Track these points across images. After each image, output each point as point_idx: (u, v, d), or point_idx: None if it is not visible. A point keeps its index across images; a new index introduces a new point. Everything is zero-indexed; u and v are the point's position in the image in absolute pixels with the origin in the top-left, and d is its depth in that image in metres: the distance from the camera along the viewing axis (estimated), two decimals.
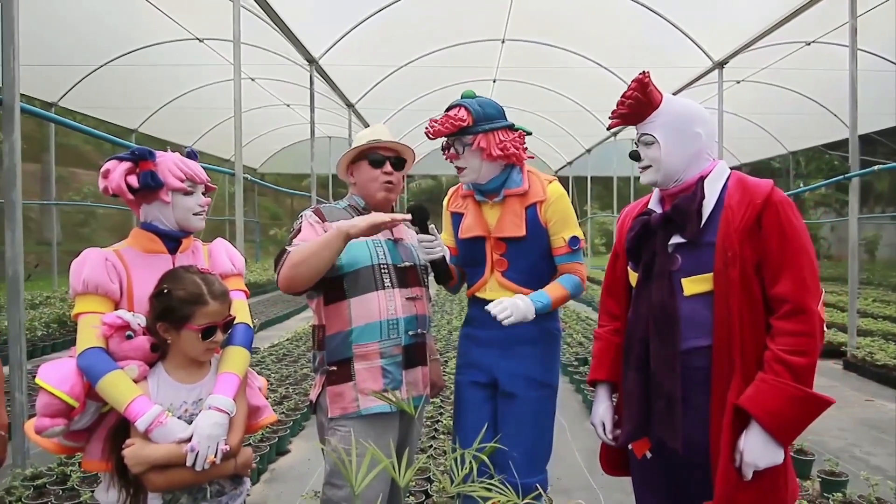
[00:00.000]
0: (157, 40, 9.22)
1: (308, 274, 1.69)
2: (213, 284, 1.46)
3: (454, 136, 1.91)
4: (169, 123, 12.93)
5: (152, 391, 1.43)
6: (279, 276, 1.73)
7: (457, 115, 1.88)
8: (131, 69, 9.90)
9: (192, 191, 1.57)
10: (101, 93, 10.52)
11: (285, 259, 1.72)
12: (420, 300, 1.91)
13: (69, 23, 8.36)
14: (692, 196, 1.52)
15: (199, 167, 1.59)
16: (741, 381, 1.42)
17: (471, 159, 1.92)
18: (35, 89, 10.04)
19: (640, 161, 1.60)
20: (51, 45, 8.50)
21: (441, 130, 1.90)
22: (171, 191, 1.53)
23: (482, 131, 1.90)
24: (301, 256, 1.69)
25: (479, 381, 1.99)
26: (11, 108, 2.90)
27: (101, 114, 12.23)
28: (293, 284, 1.71)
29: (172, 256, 1.58)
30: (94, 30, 8.77)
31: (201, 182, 1.59)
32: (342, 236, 1.67)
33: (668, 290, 1.51)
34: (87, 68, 9.78)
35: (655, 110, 1.55)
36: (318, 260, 1.68)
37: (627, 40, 9.11)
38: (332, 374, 1.81)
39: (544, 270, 1.98)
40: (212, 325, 1.44)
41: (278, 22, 6.64)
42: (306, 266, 1.68)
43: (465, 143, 1.91)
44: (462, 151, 1.92)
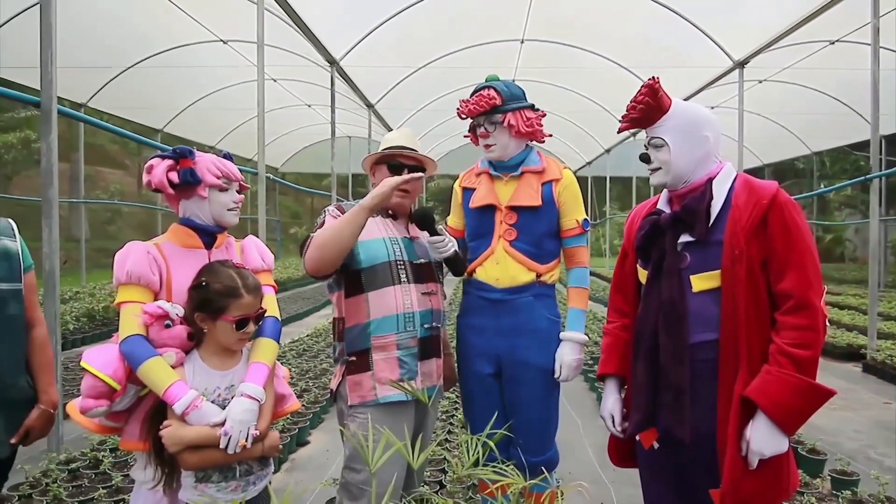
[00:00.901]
0: (183, 42, 9.43)
1: (333, 252, 1.77)
2: (247, 279, 1.56)
3: (484, 115, 2.03)
4: (193, 123, 13.21)
5: (188, 377, 1.53)
6: (306, 259, 1.82)
7: (488, 95, 2.01)
8: (157, 71, 10.14)
9: (228, 188, 1.67)
10: (128, 94, 10.79)
11: (310, 242, 1.82)
12: (435, 295, 1.99)
13: (97, 26, 8.59)
14: (701, 196, 1.58)
15: (234, 166, 1.70)
16: (747, 373, 1.48)
17: (500, 136, 2.05)
18: (65, 91, 10.32)
19: (650, 163, 1.66)
20: (80, 48, 8.73)
21: (474, 109, 2.02)
22: (208, 187, 1.63)
23: (510, 110, 2.04)
24: (325, 236, 1.78)
25: (483, 371, 2.08)
26: (49, 110, 3.04)
27: (128, 114, 12.54)
28: (320, 265, 1.79)
29: (208, 251, 1.68)
30: (122, 33, 9.00)
31: (236, 180, 1.69)
32: (362, 211, 1.75)
33: (678, 287, 1.57)
34: (114, 70, 10.04)
35: (665, 114, 1.61)
36: (341, 236, 1.76)
37: (647, 40, 9.09)
38: (351, 363, 1.90)
39: (548, 247, 2.09)
40: (245, 317, 1.53)
41: (300, 24, 6.77)
42: (331, 245, 1.76)
43: (496, 121, 2.04)
44: (493, 130, 2.04)
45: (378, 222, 1.97)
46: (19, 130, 17.72)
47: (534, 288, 2.05)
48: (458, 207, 2.24)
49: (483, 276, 2.08)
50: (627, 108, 1.66)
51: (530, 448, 2.02)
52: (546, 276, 2.08)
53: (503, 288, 2.04)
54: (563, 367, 2.02)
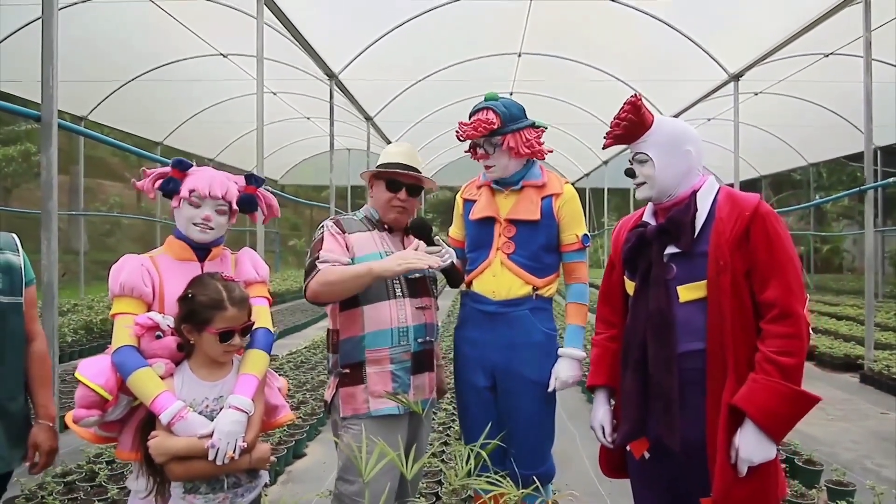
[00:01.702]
0: (183, 56, 9.51)
1: (335, 295, 1.84)
2: (233, 291, 1.57)
3: (483, 137, 2.04)
4: (193, 136, 13.29)
5: (177, 387, 1.55)
6: (308, 288, 1.85)
7: (486, 119, 2.02)
8: (158, 84, 10.21)
9: (199, 203, 1.67)
10: (128, 107, 10.87)
11: (316, 274, 1.84)
12: (429, 309, 2.01)
13: (98, 41, 8.66)
14: (686, 209, 1.61)
15: (215, 185, 1.67)
16: (734, 381, 1.50)
17: (500, 158, 2.06)
18: (66, 104, 10.40)
19: (635, 178, 1.70)
20: (81, 61, 8.80)
21: (473, 134, 2.03)
22: (181, 199, 1.67)
23: (510, 131, 2.04)
24: (332, 278, 1.81)
25: (479, 384, 2.09)
26: (49, 124, 3.07)
27: (128, 127, 12.62)
28: (319, 299, 1.85)
29: (201, 264, 1.71)
30: (123, 47, 9.08)
31: (205, 196, 1.66)
32: (370, 276, 1.79)
33: (665, 298, 1.59)
34: (115, 83, 10.12)
35: (648, 130, 1.65)
36: (345, 288, 1.82)
37: (643, 53, 9.18)
38: (344, 376, 1.92)
39: (546, 260, 2.10)
40: (229, 330, 1.55)
41: (299, 38, 6.84)
42: (336, 288, 1.82)
43: (495, 143, 2.05)
44: (493, 151, 2.06)
45: (374, 236, 1.99)
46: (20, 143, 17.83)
47: (530, 301, 2.06)
48: (459, 218, 2.26)
49: (480, 288, 2.10)
50: (611, 125, 1.70)
51: (526, 461, 2.03)
52: (543, 290, 2.09)
53: (499, 300, 2.05)
54: (558, 381, 2.02)
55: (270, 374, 1.77)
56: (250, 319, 1.62)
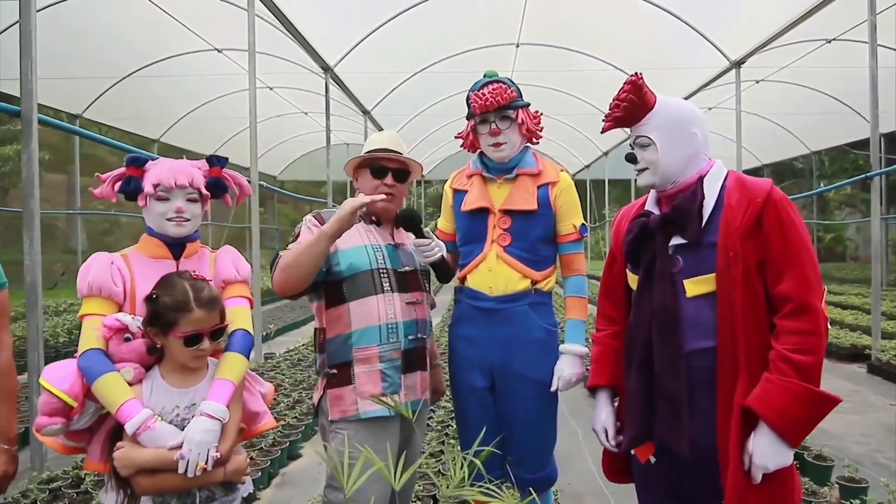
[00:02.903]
0: (178, 52, 9.38)
1: (298, 275, 1.71)
2: (201, 291, 1.46)
3: (495, 111, 1.94)
4: (190, 133, 13.15)
5: (146, 394, 1.45)
6: (273, 280, 1.76)
7: (505, 88, 1.92)
8: (153, 81, 10.10)
9: (167, 196, 1.57)
10: (123, 104, 10.75)
11: (277, 262, 1.75)
12: (420, 305, 1.91)
13: (91, 37, 8.56)
14: (692, 196, 1.50)
15: (179, 173, 1.57)
16: (747, 381, 1.39)
17: (511, 134, 1.96)
18: (60, 102, 10.31)
19: (637, 163, 1.58)
20: (74, 58, 8.71)
21: (493, 102, 1.93)
22: (147, 196, 1.57)
23: (521, 106, 1.96)
24: (290, 259, 1.71)
25: (476, 384, 1.99)
26: (30, 119, 2.98)
27: (124, 125, 12.51)
28: (286, 287, 1.74)
29: (177, 262, 1.60)
30: (116, 43, 8.96)
31: (170, 187, 1.56)
32: (323, 238, 1.68)
33: (671, 292, 1.48)
34: (109, 80, 10.00)
35: (650, 112, 1.54)
36: (301, 262, 1.69)
37: (642, 42, 9.04)
38: (332, 377, 1.82)
39: (544, 252, 2.00)
40: (196, 333, 1.44)
41: (292, 31, 6.72)
42: (296, 268, 1.70)
43: (509, 117, 1.95)
44: (505, 126, 1.95)
45: (360, 229, 1.89)
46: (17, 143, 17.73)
47: (529, 296, 1.96)
48: (449, 210, 2.14)
49: (475, 283, 1.99)
50: (611, 107, 1.59)
51: (527, 465, 1.94)
52: (542, 284, 1.99)
53: (497, 296, 1.95)
54: (561, 380, 1.93)
55: (253, 378, 1.68)
56: (223, 321, 1.51)
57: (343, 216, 1.67)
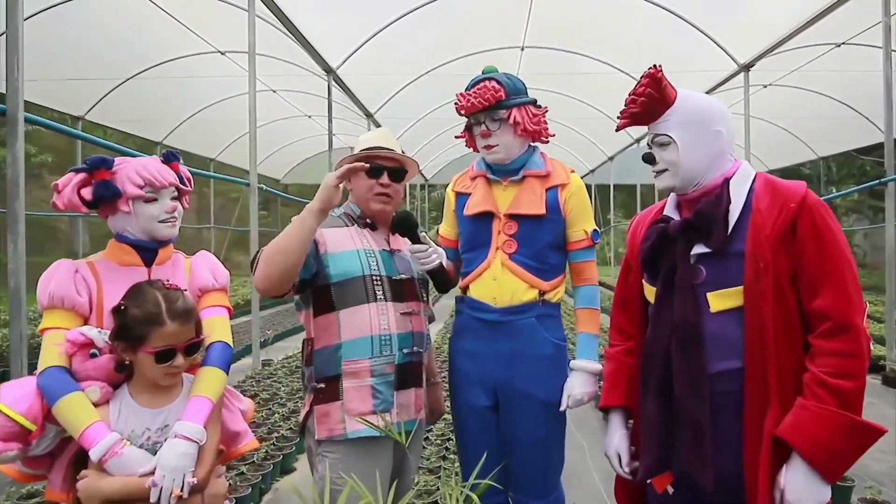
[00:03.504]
0: (180, 54, 9.33)
1: (281, 268, 1.56)
2: (174, 302, 1.34)
3: (485, 111, 1.81)
4: (193, 136, 13.08)
5: (113, 416, 1.32)
6: (255, 277, 1.61)
7: (492, 87, 1.78)
8: (156, 83, 10.04)
9: (155, 197, 1.46)
10: (126, 106, 10.68)
11: (259, 259, 1.61)
12: (417, 316, 1.78)
13: (93, 38, 8.50)
14: (717, 200, 1.36)
15: (163, 170, 1.48)
16: (779, 407, 1.26)
17: (503, 136, 1.82)
18: (62, 104, 10.25)
19: (655, 164, 1.45)
20: (76, 60, 8.67)
21: (475, 105, 1.79)
22: (131, 199, 1.44)
23: (515, 105, 1.81)
24: (274, 247, 1.57)
25: (478, 403, 1.84)
26: (15, 118, 2.86)
27: (127, 127, 12.43)
28: (268, 284, 1.59)
29: (148, 269, 1.48)
30: (119, 45, 8.90)
31: (162, 186, 1.47)
32: (309, 215, 1.56)
33: (692, 306, 1.35)
34: (112, 82, 9.93)
35: (670, 108, 1.41)
36: (288, 248, 1.55)
37: (649, 45, 8.93)
38: (319, 391, 1.69)
39: (552, 260, 1.86)
40: (169, 349, 1.32)
41: (294, 32, 6.64)
42: (279, 260, 1.55)
43: (499, 117, 1.81)
44: (496, 127, 1.81)
45: (353, 232, 1.76)
46: None
47: (536, 308, 1.82)
48: (451, 215, 2.01)
49: (478, 293, 1.85)
50: (627, 102, 1.46)
51: (532, 490, 1.79)
52: (550, 294, 1.85)
53: (501, 307, 1.81)
54: (571, 399, 1.78)
55: (231, 393, 1.55)
56: (199, 335, 1.39)
57: (327, 187, 1.56)
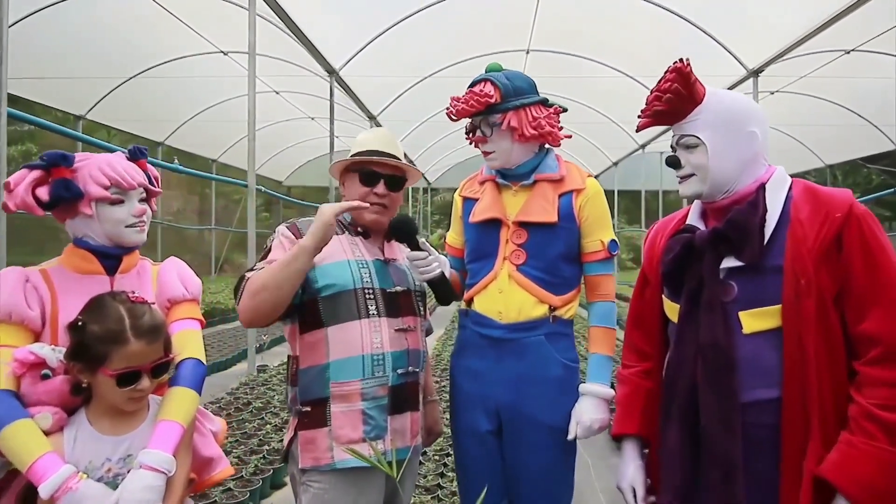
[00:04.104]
0: (183, 54, 9.26)
1: (273, 301, 1.44)
2: (140, 318, 1.20)
3: (480, 115, 1.67)
4: (196, 136, 13.01)
5: (68, 446, 1.17)
6: (239, 309, 1.49)
7: (482, 91, 1.64)
8: (157, 82, 9.97)
9: (122, 199, 1.32)
10: (128, 106, 10.61)
11: (244, 287, 1.47)
12: (413, 332, 1.62)
13: (95, 37, 8.42)
14: (752, 208, 1.22)
15: (131, 169, 1.34)
16: (820, 443, 1.12)
17: (500, 141, 1.67)
18: (63, 102, 10.18)
19: (680, 169, 1.31)
20: (77, 58, 8.59)
21: (465, 109, 1.65)
22: (94, 201, 1.29)
23: (512, 108, 1.66)
24: (260, 282, 1.44)
25: (480, 428, 1.68)
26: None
27: (128, 126, 12.37)
28: (256, 315, 1.47)
29: (111, 278, 1.34)
30: (120, 44, 8.83)
31: (130, 187, 1.33)
32: (302, 253, 1.42)
33: (723, 327, 1.21)
34: (113, 81, 9.85)
35: (698, 106, 1.27)
36: (280, 282, 1.42)
37: (656, 49, 8.80)
38: (304, 415, 1.53)
39: (564, 273, 1.69)
40: (133, 370, 1.17)
41: (297, 32, 6.54)
42: (270, 292, 1.43)
43: (493, 122, 1.67)
44: (490, 133, 1.67)
45: (344, 241, 1.61)
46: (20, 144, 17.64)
47: (546, 325, 1.65)
48: (458, 222, 1.86)
49: (483, 307, 1.69)
50: (649, 99, 1.32)
51: None
52: (562, 310, 1.68)
53: (508, 323, 1.65)
54: (580, 427, 1.61)
55: (203, 415, 1.41)
56: (168, 354, 1.25)
57: (323, 224, 1.41)
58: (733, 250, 1.23)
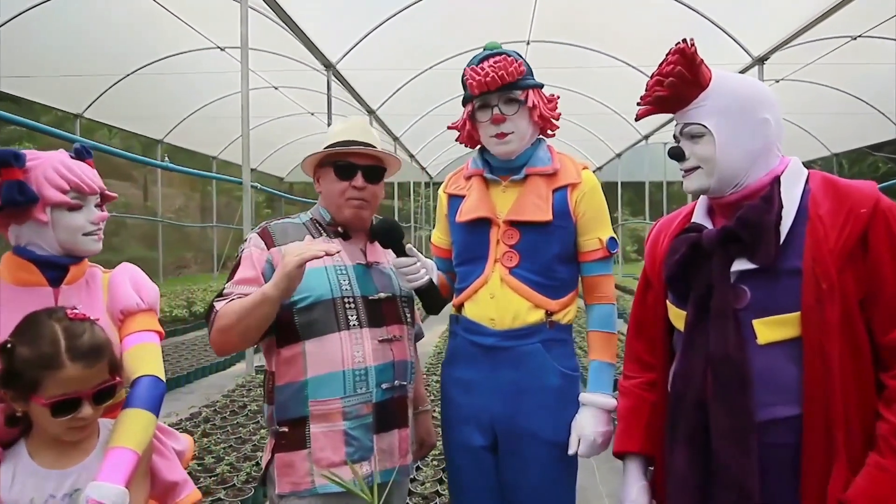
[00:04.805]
0: (179, 50, 9.18)
1: (239, 339, 1.39)
2: (77, 338, 1.08)
3: (498, 92, 1.53)
4: (196, 133, 12.94)
5: (5, 483, 1.07)
6: (210, 338, 1.43)
7: (513, 61, 1.50)
8: (155, 79, 9.90)
9: (81, 204, 1.21)
10: (126, 103, 10.54)
11: (214, 318, 1.40)
12: (399, 342, 1.51)
13: (91, 34, 8.36)
14: (766, 204, 1.11)
15: (89, 171, 1.24)
16: (846, 465, 1.01)
17: (519, 121, 1.55)
18: (59, 100, 10.10)
19: (684, 161, 1.20)
20: (73, 56, 8.54)
21: (495, 80, 1.49)
22: (50, 206, 1.18)
23: (532, 86, 1.55)
24: (228, 321, 1.36)
25: (473, 443, 1.57)
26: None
27: (127, 124, 12.32)
28: (227, 348, 1.42)
29: (55, 290, 1.22)
30: (116, 40, 8.75)
31: (91, 191, 1.22)
32: (266, 302, 1.32)
33: (735, 336, 1.10)
34: (111, 78, 9.77)
35: (704, 91, 1.16)
36: (247, 328, 1.37)
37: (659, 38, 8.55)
38: (282, 436, 1.43)
39: (561, 275, 1.58)
40: (70, 398, 1.06)
41: (291, 25, 6.42)
42: (235, 332, 1.37)
43: (517, 99, 1.54)
44: (512, 111, 1.54)
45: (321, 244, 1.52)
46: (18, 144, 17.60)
47: (543, 331, 1.54)
48: (444, 220, 1.73)
49: (474, 313, 1.58)
50: (650, 84, 1.20)
51: None
52: (560, 315, 1.57)
53: (501, 330, 1.54)
54: (583, 441, 1.49)
55: (166, 433, 1.32)
56: (114, 375, 1.14)
57: (286, 276, 1.29)
58: (745, 251, 1.11)
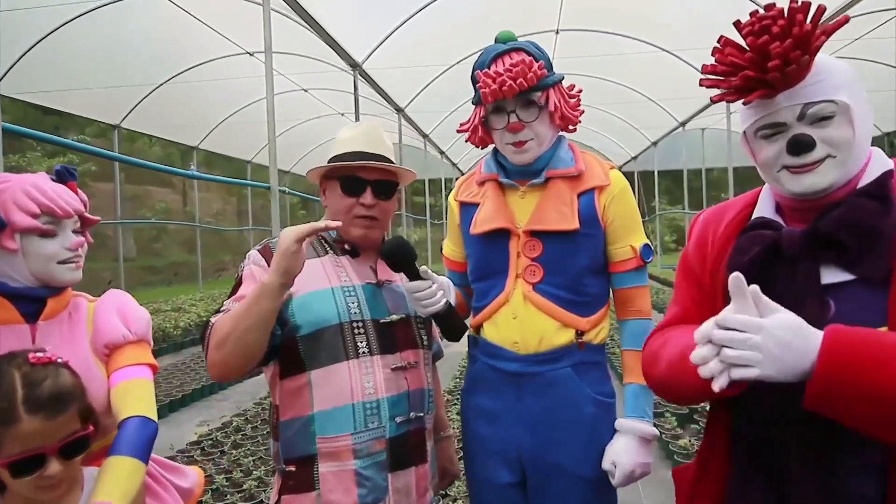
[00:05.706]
0: (210, 57, 9.32)
1: (239, 352, 1.22)
2: (37, 386, 0.98)
3: (515, 96, 1.38)
4: (229, 138, 13.16)
5: None
6: (208, 362, 1.26)
7: (529, 63, 1.35)
8: (188, 87, 10.10)
9: (54, 230, 1.12)
10: (161, 113, 10.81)
11: (209, 336, 1.25)
12: (415, 369, 1.38)
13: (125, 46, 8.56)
14: (882, 204, 0.91)
15: (64, 193, 1.14)
16: None
17: (540, 127, 1.40)
18: (99, 112, 10.40)
19: (812, 151, 0.93)
20: (109, 68, 8.76)
21: (512, 88, 1.33)
22: (19, 232, 1.10)
23: (552, 84, 1.41)
24: (224, 331, 1.21)
25: (499, 480, 1.43)
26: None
27: (163, 133, 12.66)
28: (226, 370, 1.24)
29: (32, 327, 1.13)
30: (150, 51, 8.96)
31: (66, 215, 1.13)
32: (265, 292, 1.18)
33: None
34: (146, 88, 9.99)
35: (810, 71, 0.94)
36: (246, 329, 1.19)
37: (693, 20, 8.31)
38: (288, 476, 1.32)
39: (591, 289, 1.42)
40: (31, 455, 0.96)
41: (315, 26, 6.39)
42: (232, 342, 1.20)
43: (534, 101, 1.38)
44: (532, 118, 1.38)
45: (327, 264, 1.37)
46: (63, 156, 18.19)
47: (573, 353, 1.39)
48: (456, 231, 1.57)
49: (495, 336, 1.43)
50: (750, 60, 0.95)
51: None
52: (591, 334, 1.42)
53: (527, 354, 1.39)
54: (618, 471, 1.34)
55: (171, 469, 1.23)
56: (87, 425, 1.03)
57: (284, 253, 1.16)
58: (844, 260, 0.91)
